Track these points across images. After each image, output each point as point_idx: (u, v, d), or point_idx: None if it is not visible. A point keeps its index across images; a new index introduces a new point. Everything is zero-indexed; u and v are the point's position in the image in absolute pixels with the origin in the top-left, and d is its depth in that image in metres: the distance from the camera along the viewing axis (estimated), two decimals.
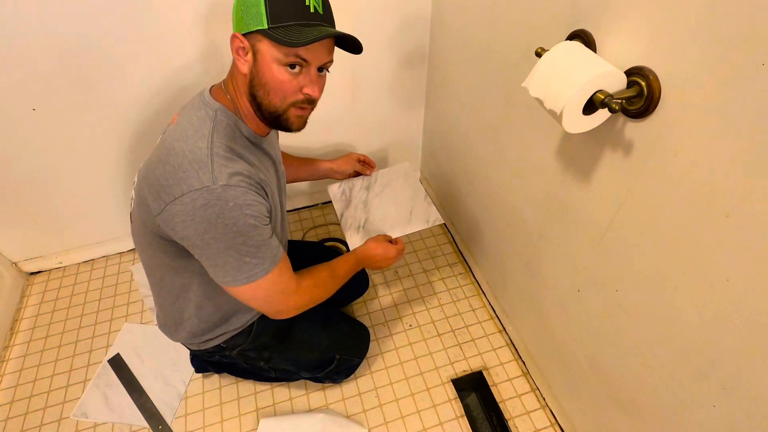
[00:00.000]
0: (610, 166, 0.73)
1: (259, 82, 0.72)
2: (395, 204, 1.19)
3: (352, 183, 1.26)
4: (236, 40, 0.71)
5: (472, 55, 1.11)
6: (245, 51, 0.71)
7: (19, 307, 1.41)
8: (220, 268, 0.73)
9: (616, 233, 0.76)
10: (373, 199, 1.21)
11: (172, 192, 0.68)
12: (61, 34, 1.01)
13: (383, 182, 1.26)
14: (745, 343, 0.58)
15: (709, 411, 0.66)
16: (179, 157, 0.69)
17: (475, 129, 1.21)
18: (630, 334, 0.79)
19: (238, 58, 0.72)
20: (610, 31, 0.66)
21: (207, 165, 0.68)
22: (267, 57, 0.70)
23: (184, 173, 0.68)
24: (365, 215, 1.17)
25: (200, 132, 0.72)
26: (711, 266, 0.60)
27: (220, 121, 0.74)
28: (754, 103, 0.49)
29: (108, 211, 1.42)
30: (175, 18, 1.07)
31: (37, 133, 1.17)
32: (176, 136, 0.72)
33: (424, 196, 1.20)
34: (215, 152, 0.70)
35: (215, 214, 0.68)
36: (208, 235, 0.69)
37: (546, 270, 1.02)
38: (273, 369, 1.09)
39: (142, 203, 0.75)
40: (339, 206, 1.20)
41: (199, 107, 0.76)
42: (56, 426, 1.14)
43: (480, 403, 1.16)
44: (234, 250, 0.71)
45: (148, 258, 0.85)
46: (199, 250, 0.72)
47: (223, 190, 0.68)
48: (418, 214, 1.16)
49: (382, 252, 1.00)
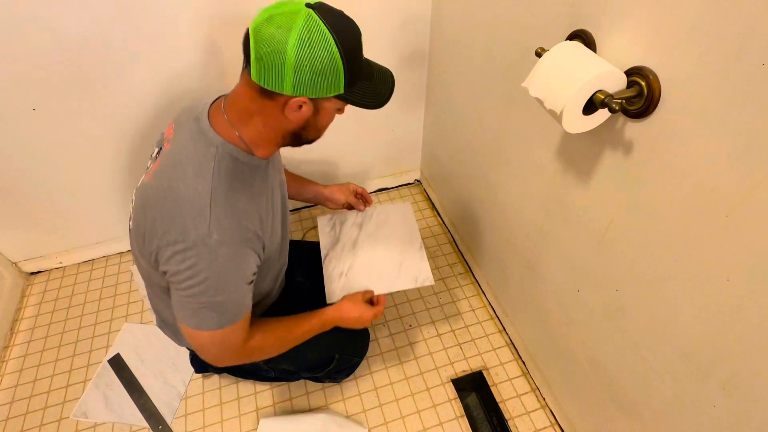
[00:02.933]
0: (610, 166, 0.73)
1: (314, 127, 0.74)
2: (386, 251, 1.08)
3: (344, 216, 1.15)
4: (297, 101, 0.66)
5: (472, 55, 1.11)
6: (303, 107, 0.67)
7: (19, 307, 1.41)
8: (180, 306, 0.72)
9: (616, 233, 0.76)
10: (364, 241, 1.10)
11: (165, 236, 0.68)
12: (62, 34, 1.01)
13: (378, 221, 1.14)
14: (745, 343, 0.58)
15: (709, 411, 0.66)
16: (177, 201, 0.68)
17: (475, 129, 1.21)
18: (630, 334, 0.79)
19: (290, 113, 0.68)
20: (610, 31, 0.66)
21: (205, 214, 0.67)
22: (330, 110, 0.72)
23: (181, 219, 0.67)
24: (351, 260, 1.06)
25: (201, 173, 0.69)
26: (711, 266, 0.60)
27: (222, 159, 0.71)
28: (754, 103, 0.49)
29: (108, 211, 1.42)
30: (176, 19, 1.07)
31: (37, 133, 1.17)
32: (175, 176, 0.69)
33: (419, 247, 1.09)
34: (215, 199, 0.68)
35: (200, 269, 0.67)
36: (186, 283, 0.68)
37: (546, 270, 1.02)
38: (273, 369, 1.08)
39: (138, 231, 0.74)
40: (325, 242, 1.10)
41: (198, 138, 0.72)
42: (56, 426, 1.14)
43: (480, 403, 1.16)
44: (204, 299, 0.70)
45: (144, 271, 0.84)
46: (173, 285, 0.71)
47: (216, 245, 0.67)
48: (408, 268, 1.05)
49: (356, 315, 0.94)
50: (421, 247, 1.09)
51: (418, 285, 1.02)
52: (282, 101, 0.66)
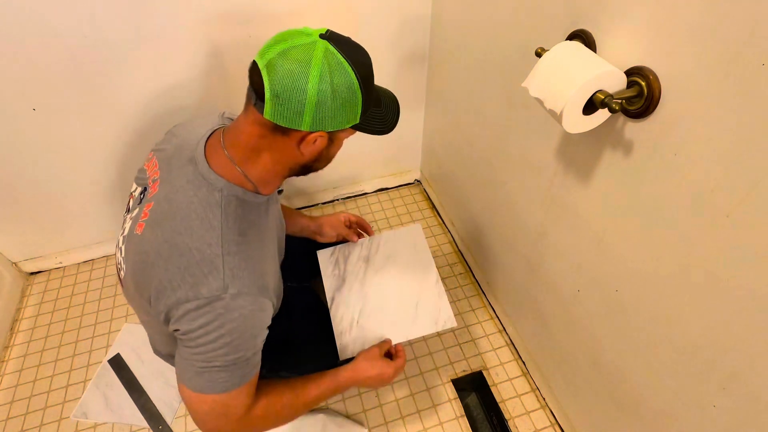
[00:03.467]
0: (610, 166, 0.73)
1: (325, 158, 0.71)
2: (400, 288, 0.97)
3: (348, 249, 1.04)
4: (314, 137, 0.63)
5: (472, 55, 1.11)
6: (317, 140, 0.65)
7: (19, 307, 1.41)
8: (183, 364, 0.66)
9: (617, 233, 0.76)
10: (372, 278, 0.99)
11: (175, 294, 0.63)
12: (62, 34, 1.01)
13: (387, 252, 1.03)
14: (745, 343, 0.58)
15: (709, 411, 0.66)
16: (185, 257, 0.63)
17: (475, 129, 1.21)
18: (630, 334, 0.79)
19: (305, 147, 0.65)
20: (610, 31, 0.66)
21: (218, 268, 0.62)
22: (342, 139, 0.70)
23: (192, 277, 0.62)
24: (360, 304, 0.95)
25: (208, 222, 0.64)
26: (711, 266, 0.60)
27: (228, 203, 0.66)
28: (754, 103, 0.49)
29: (108, 211, 1.42)
30: (177, 19, 1.07)
31: (37, 133, 1.17)
32: (179, 228, 0.64)
33: (435, 280, 0.98)
34: (226, 250, 0.64)
35: (214, 327, 0.62)
36: (196, 341, 0.63)
37: (546, 270, 1.02)
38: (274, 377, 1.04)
39: (140, 292, 0.69)
40: (330, 284, 0.98)
41: (198, 183, 0.67)
42: (56, 426, 1.14)
43: (480, 403, 1.16)
44: (211, 356, 0.63)
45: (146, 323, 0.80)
46: (180, 342, 0.66)
47: (232, 300, 0.62)
48: (426, 308, 0.94)
49: (376, 374, 0.83)
50: (437, 280, 0.98)
51: (439, 328, 0.92)
52: (297, 137, 0.63)
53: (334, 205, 1.71)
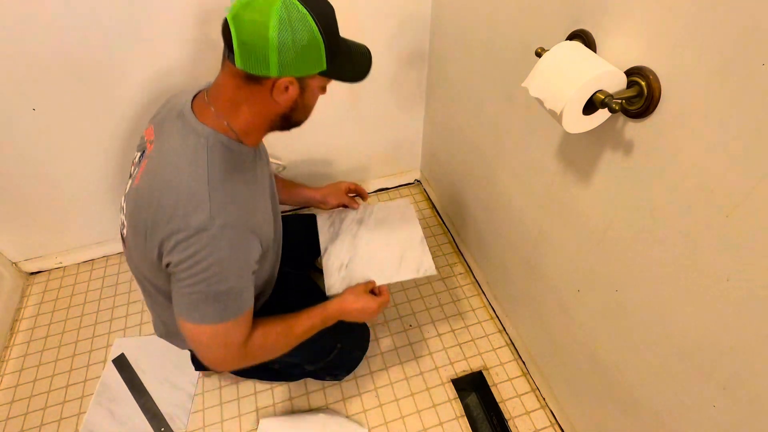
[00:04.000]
0: (610, 166, 0.73)
1: (302, 106, 0.75)
2: (387, 244, 1.08)
3: (344, 214, 1.16)
4: (284, 82, 0.67)
5: (472, 55, 1.11)
6: (289, 87, 0.69)
7: (19, 307, 1.41)
8: (179, 298, 0.71)
9: (616, 233, 0.76)
10: (364, 235, 1.10)
11: (168, 226, 0.67)
12: (62, 34, 1.01)
13: (378, 218, 1.15)
14: (745, 343, 0.58)
15: (709, 411, 0.66)
16: (175, 193, 0.68)
17: (475, 129, 1.21)
18: (630, 334, 0.79)
19: (278, 95, 0.69)
20: (610, 31, 0.66)
21: (204, 201, 0.67)
22: (315, 88, 0.73)
23: (182, 209, 0.67)
24: (350, 253, 1.06)
25: (195, 163, 0.70)
26: (711, 266, 0.60)
27: (213, 148, 0.71)
28: (754, 103, 0.49)
29: (108, 211, 1.42)
30: (177, 18, 1.07)
31: (37, 133, 1.17)
32: (168, 169, 0.70)
33: (420, 239, 1.08)
34: (212, 186, 0.68)
35: (203, 256, 0.67)
36: (188, 272, 0.68)
37: (546, 270, 1.02)
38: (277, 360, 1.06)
39: (137, 233, 0.73)
40: (324, 238, 1.10)
41: (186, 133, 0.72)
42: (56, 426, 1.14)
43: (480, 403, 1.16)
44: (204, 287, 0.69)
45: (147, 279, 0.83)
46: (174, 278, 0.71)
47: (219, 231, 0.67)
48: (409, 259, 1.04)
49: (360, 307, 0.91)
50: (422, 240, 1.08)
51: (420, 275, 1.01)
52: (269, 84, 0.68)
53: None
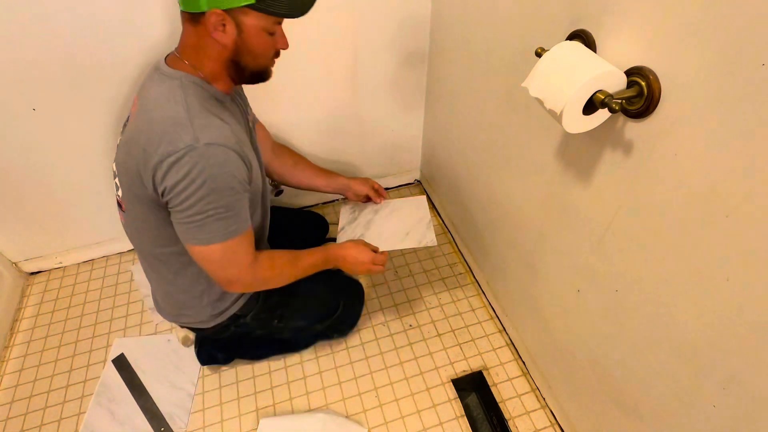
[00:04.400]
0: (610, 166, 0.73)
1: (246, 50, 0.77)
2: (396, 226, 1.20)
3: (363, 205, 1.28)
4: (215, 16, 0.70)
5: (472, 55, 1.11)
6: (226, 25, 0.72)
7: (19, 307, 1.41)
8: (184, 225, 0.76)
9: (616, 233, 0.76)
10: (377, 220, 1.23)
11: (158, 152, 0.71)
12: (62, 33, 1.01)
13: (392, 208, 1.26)
14: (745, 343, 0.58)
15: (709, 411, 0.66)
16: (160, 124, 0.73)
17: (475, 129, 1.21)
18: (630, 334, 0.79)
19: (216, 33, 0.73)
20: (610, 31, 0.66)
21: (187, 126, 0.72)
22: (255, 28, 0.74)
23: (168, 135, 0.71)
24: (362, 231, 1.19)
25: (173, 99, 0.75)
26: (711, 266, 0.60)
27: (187, 86, 0.77)
28: (753, 103, 0.49)
29: (108, 211, 1.42)
30: (176, 18, 1.07)
31: (37, 133, 1.17)
32: (151, 107, 0.76)
33: (427, 222, 1.19)
34: (193, 114, 0.73)
35: (196, 172, 0.71)
36: (185, 192, 0.72)
37: (546, 270, 1.02)
38: (286, 328, 1.13)
39: (131, 178, 0.78)
40: (344, 221, 1.24)
41: (162, 80, 0.78)
42: (56, 426, 1.14)
43: (480, 403, 1.16)
44: (204, 207, 0.74)
45: (148, 240, 0.88)
46: (173, 208, 0.75)
47: (206, 149, 0.71)
48: (414, 235, 1.16)
49: (354, 254, 1.00)
50: (429, 222, 1.19)
51: (421, 246, 1.14)
52: (206, 24, 0.71)
53: (334, 204, 1.72)
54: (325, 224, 1.52)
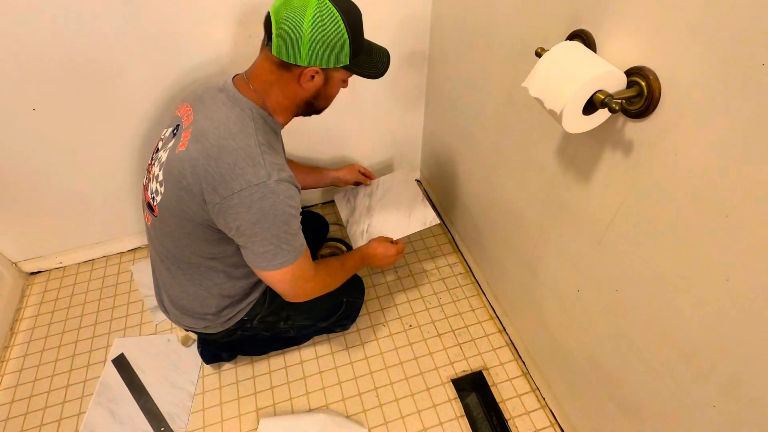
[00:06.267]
0: (610, 166, 0.73)
1: (324, 96, 0.88)
2: (395, 208, 1.28)
3: (355, 191, 1.37)
4: (310, 71, 0.80)
5: (472, 55, 1.11)
6: (315, 77, 0.81)
7: (19, 307, 1.41)
8: (260, 255, 0.82)
9: (616, 233, 0.76)
10: (376, 205, 1.31)
11: (230, 187, 0.76)
12: (62, 33, 1.01)
13: (384, 188, 1.35)
14: (745, 343, 0.58)
15: (709, 411, 0.66)
16: (232, 155, 0.77)
17: (475, 129, 1.21)
18: (630, 334, 0.79)
19: (304, 82, 0.82)
20: (610, 31, 0.66)
21: (260, 162, 0.77)
22: (338, 80, 0.87)
23: (241, 170, 0.76)
24: (368, 220, 1.27)
25: (245, 131, 0.80)
26: (711, 266, 0.60)
27: (257, 118, 0.82)
28: (754, 103, 0.49)
29: (108, 211, 1.42)
30: (177, 17, 1.07)
31: (37, 133, 1.17)
32: (222, 134, 0.79)
33: (421, 199, 1.28)
34: (263, 150, 0.79)
35: (269, 206, 0.77)
36: (259, 225, 0.78)
37: (546, 270, 1.02)
38: (292, 327, 1.16)
39: (186, 196, 0.80)
40: (344, 213, 1.33)
41: (231, 104, 0.82)
42: (56, 426, 1.14)
43: (480, 403, 1.16)
44: (276, 237, 0.81)
45: (178, 248, 0.90)
46: (245, 238, 0.81)
47: (276, 185, 0.77)
48: (416, 216, 1.24)
49: (383, 251, 1.12)
50: (423, 199, 1.29)
51: (427, 226, 1.21)
52: (298, 72, 0.80)
53: (333, 205, 1.72)
54: (325, 224, 1.53)
